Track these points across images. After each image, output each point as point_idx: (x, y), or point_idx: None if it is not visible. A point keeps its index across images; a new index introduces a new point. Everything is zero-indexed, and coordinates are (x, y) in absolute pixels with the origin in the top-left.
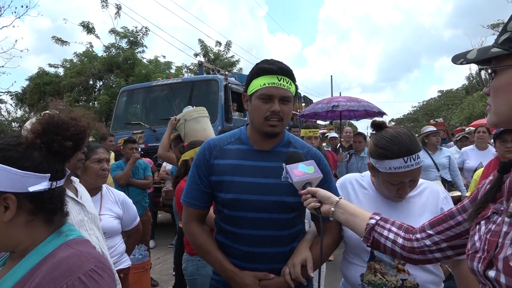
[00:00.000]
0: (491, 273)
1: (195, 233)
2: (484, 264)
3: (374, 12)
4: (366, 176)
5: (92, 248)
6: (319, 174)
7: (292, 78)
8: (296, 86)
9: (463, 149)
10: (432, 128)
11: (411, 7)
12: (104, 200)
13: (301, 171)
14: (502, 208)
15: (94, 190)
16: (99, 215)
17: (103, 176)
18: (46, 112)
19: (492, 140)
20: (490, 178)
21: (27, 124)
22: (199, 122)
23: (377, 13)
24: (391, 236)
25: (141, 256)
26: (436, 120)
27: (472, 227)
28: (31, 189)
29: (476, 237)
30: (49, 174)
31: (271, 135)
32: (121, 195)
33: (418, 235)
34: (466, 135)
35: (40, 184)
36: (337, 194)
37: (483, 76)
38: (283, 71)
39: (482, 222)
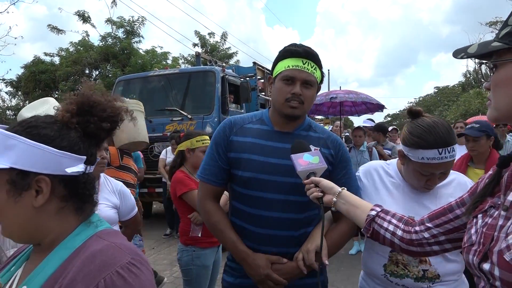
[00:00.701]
0: (486, 266)
1: (209, 211)
2: (479, 257)
3: (373, 6)
4: (392, 164)
5: (124, 239)
6: (324, 165)
7: (318, 64)
8: (322, 72)
9: None
10: None
11: (409, 3)
12: (101, 189)
13: (306, 160)
14: (500, 202)
15: None
16: None
17: (102, 164)
18: (80, 91)
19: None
20: (490, 172)
21: (23, 112)
22: None
23: (375, 8)
24: (391, 228)
25: (135, 246)
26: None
27: (470, 221)
28: (69, 170)
29: (473, 231)
30: (85, 157)
31: (290, 117)
32: (119, 185)
33: (417, 228)
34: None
35: (77, 166)
36: (355, 182)
37: (483, 71)
38: (309, 54)
39: (479, 215)
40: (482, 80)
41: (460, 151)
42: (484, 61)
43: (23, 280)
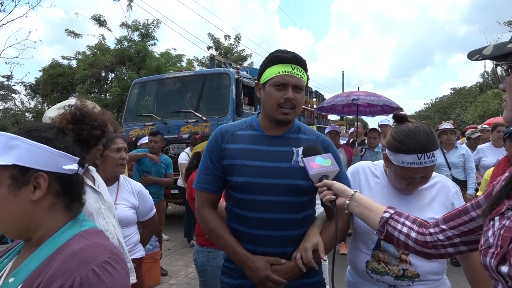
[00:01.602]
0: (504, 269)
1: (207, 218)
2: (497, 260)
3: (388, 7)
4: (379, 165)
5: (106, 239)
6: (336, 167)
7: (305, 68)
8: (307, 76)
9: (479, 146)
10: (445, 126)
11: (426, 2)
12: (121, 190)
13: (318, 164)
14: None
15: (111, 179)
16: (114, 204)
17: (122, 164)
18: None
19: None
20: (506, 174)
21: (48, 113)
22: None
23: (391, 8)
24: (405, 230)
25: (151, 247)
26: (447, 121)
27: (486, 223)
28: (66, 167)
29: (490, 233)
30: (78, 158)
31: (283, 123)
32: (138, 185)
33: (431, 230)
34: (479, 132)
35: (72, 165)
36: (346, 180)
37: (499, 73)
38: (297, 60)
39: (496, 218)
40: (498, 81)
41: (500, 154)
42: (500, 63)
43: (11, 272)
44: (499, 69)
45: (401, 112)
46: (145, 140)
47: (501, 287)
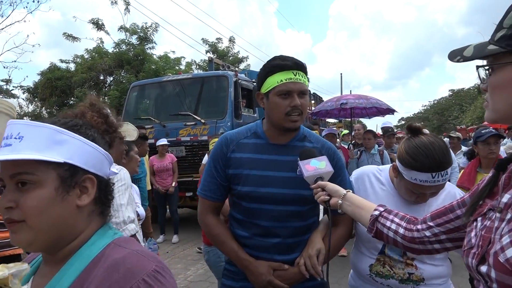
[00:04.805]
0: (483, 268)
1: (210, 224)
2: (477, 260)
3: (386, 9)
4: (384, 170)
5: (142, 246)
6: (330, 169)
7: (306, 72)
8: (308, 79)
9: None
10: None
11: (424, 4)
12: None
13: (313, 166)
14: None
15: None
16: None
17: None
18: (92, 103)
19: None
20: (490, 174)
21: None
22: None
23: (389, 10)
24: (393, 226)
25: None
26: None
27: (469, 224)
28: (114, 169)
29: (473, 234)
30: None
31: (292, 130)
32: None
33: (419, 226)
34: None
35: (114, 167)
36: (350, 187)
37: (482, 75)
38: (298, 66)
39: (479, 218)
40: (479, 81)
41: None
42: (481, 65)
43: None
44: (481, 70)
45: (415, 124)
46: (162, 141)
47: (482, 287)
